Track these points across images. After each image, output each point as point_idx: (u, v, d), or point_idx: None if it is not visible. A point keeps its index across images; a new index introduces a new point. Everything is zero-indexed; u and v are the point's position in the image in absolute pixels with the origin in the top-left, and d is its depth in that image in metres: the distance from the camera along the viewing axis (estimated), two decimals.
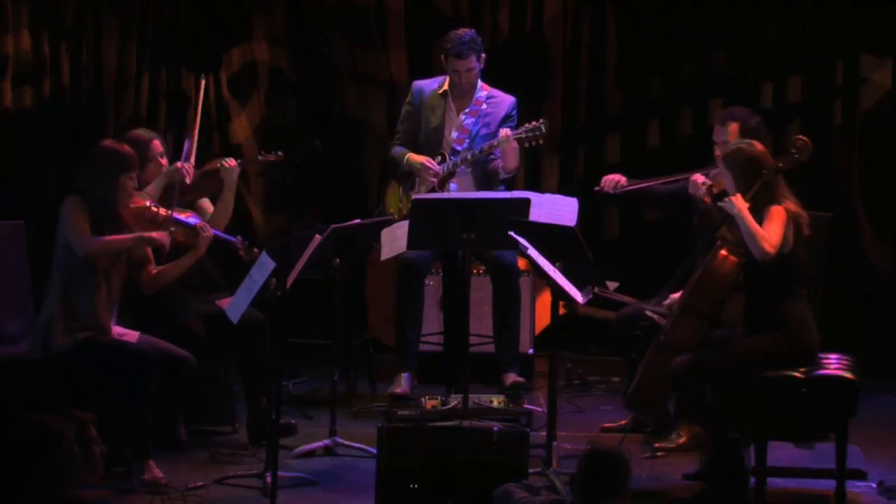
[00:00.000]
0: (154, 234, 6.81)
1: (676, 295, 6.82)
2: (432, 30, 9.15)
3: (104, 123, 9.30)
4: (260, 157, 7.57)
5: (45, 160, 9.09)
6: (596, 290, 6.69)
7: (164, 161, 7.35)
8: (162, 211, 6.94)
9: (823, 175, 8.97)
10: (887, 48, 9.16)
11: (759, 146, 6.56)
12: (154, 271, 6.91)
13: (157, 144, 7.39)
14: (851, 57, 9.21)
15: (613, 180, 7.61)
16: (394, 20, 9.52)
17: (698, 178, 7.16)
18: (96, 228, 6.67)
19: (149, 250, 6.87)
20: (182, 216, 7.04)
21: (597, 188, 7.65)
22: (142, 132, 7.52)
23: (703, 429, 6.69)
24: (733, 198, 6.35)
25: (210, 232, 7.00)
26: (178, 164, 7.29)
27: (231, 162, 7.42)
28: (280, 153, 7.39)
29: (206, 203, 7.51)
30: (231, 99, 9.50)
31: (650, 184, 7.61)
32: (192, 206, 7.39)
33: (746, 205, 6.33)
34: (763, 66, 9.30)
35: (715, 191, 7.03)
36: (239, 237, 7.12)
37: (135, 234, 6.77)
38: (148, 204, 6.94)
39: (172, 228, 6.91)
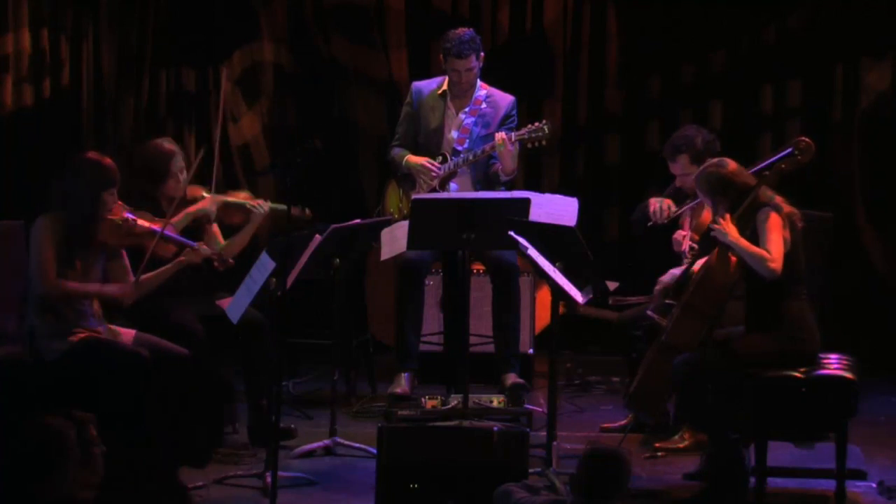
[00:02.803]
0: (115, 293, 6.55)
1: (668, 275, 6.80)
2: (432, 29, 9.15)
3: (104, 124, 9.30)
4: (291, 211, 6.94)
5: (46, 160, 9.09)
6: (610, 301, 6.68)
7: (183, 175, 7.13)
8: (140, 222, 6.65)
9: (823, 175, 8.97)
10: (885, 50, 9.16)
11: (730, 164, 6.45)
12: (131, 279, 6.64)
13: (180, 159, 7.18)
14: (851, 58, 9.21)
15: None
16: (394, 20, 9.51)
17: (679, 234, 7.10)
18: (69, 246, 6.47)
19: (127, 265, 6.67)
20: (166, 230, 6.78)
21: (650, 223, 7.39)
22: (165, 143, 7.27)
23: (704, 429, 6.69)
24: (724, 223, 6.30)
25: (204, 247, 6.84)
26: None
27: (261, 204, 7.23)
28: (309, 212, 7.18)
29: (215, 228, 7.32)
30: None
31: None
32: (200, 232, 7.23)
33: (735, 228, 6.29)
34: (763, 66, 9.30)
35: (696, 238, 6.95)
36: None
37: (96, 287, 6.54)
38: (126, 216, 6.61)
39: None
